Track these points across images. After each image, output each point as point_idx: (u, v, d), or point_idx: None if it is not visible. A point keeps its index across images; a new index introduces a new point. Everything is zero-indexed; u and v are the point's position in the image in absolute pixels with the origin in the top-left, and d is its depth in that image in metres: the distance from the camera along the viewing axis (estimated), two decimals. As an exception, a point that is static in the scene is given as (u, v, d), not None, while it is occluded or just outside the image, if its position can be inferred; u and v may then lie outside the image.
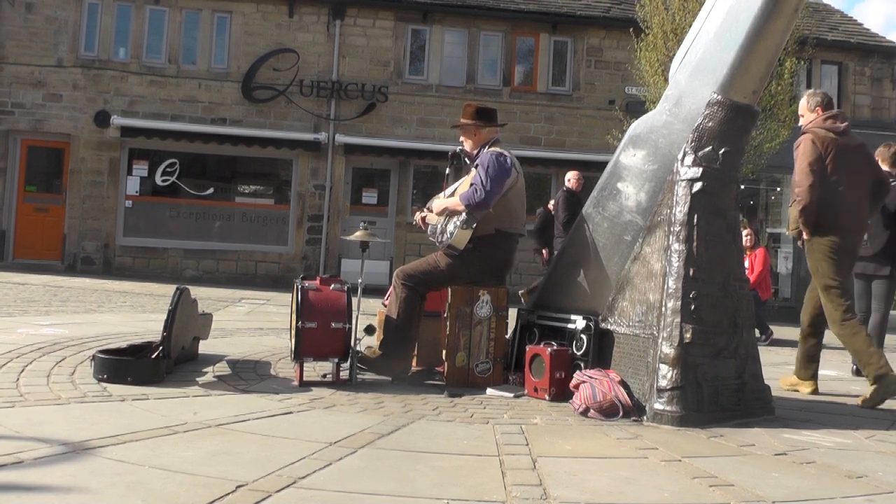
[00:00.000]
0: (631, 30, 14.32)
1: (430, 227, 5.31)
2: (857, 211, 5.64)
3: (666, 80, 9.69)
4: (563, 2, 17.78)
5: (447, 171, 5.65)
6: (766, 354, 6.60)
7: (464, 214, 5.09)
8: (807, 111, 5.75)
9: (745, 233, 10.38)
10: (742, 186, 15.46)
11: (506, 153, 5.25)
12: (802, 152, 5.49)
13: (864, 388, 6.44)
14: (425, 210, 5.45)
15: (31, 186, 16.45)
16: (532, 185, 16.88)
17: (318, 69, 16.68)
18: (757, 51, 4.69)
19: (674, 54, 5.74)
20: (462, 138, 5.51)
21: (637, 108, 14.67)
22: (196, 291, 5.77)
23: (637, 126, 5.14)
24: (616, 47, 17.01)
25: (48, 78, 16.06)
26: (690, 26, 5.38)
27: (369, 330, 5.18)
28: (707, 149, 4.65)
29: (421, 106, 16.90)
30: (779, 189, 18.51)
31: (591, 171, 12.38)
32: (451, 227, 5.12)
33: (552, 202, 11.82)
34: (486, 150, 5.27)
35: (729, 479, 3.25)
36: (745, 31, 4.64)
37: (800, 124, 5.83)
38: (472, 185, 5.12)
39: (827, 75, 18.25)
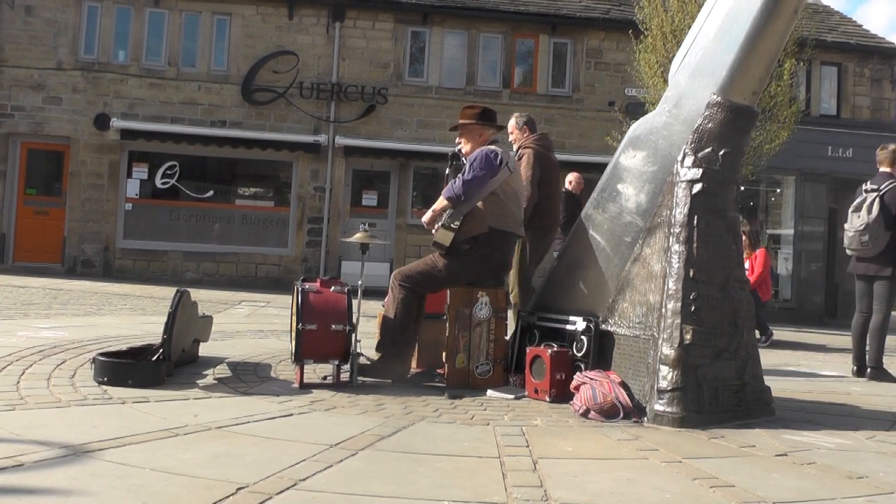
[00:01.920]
0: (630, 31, 14.32)
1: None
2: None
3: (665, 81, 9.69)
4: (563, 3, 17.80)
5: (447, 171, 5.66)
6: (767, 355, 6.61)
7: (448, 211, 5.11)
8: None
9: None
10: (742, 188, 15.47)
11: (498, 150, 5.26)
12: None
13: (865, 388, 6.46)
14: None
15: (31, 189, 16.45)
16: (532, 186, 16.87)
17: (317, 71, 16.69)
18: (756, 52, 4.69)
19: (673, 56, 5.75)
20: (460, 140, 5.50)
21: (637, 109, 14.67)
22: (196, 294, 5.78)
23: (637, 127, 5.14)
24: (616, 49, 17.02)
25: (48, 81, 16.06)
26: (689, 28, 5.39)
27: None
28: (707, 150, 4.66)
29: (421, 108, 16.90)
30: (779, 190, 18.52)
31: (591, 172, 12.36)
32: (439, 223, 5.16)
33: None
34: (479, 149, 5.28)
35: (729, 480, 3.24)
36: (745, 33, 4.64)
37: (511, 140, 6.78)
38: (455, 178, 5.16)
39: (826, 76, 18.26)
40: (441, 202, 5.16)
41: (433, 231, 5.23)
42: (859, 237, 7.01)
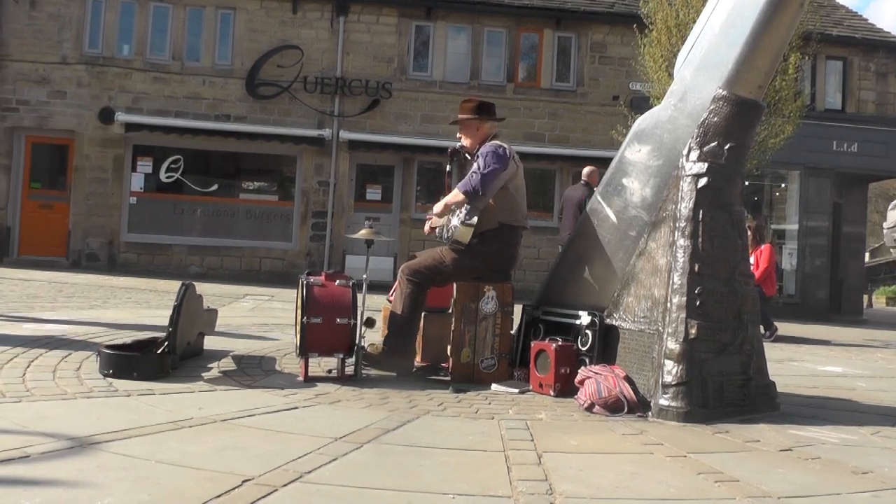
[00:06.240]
0: (635, 26, 14.28)
1: (437, 230, 5.31)
2: None
3: (670, 75, 9.66)
4: (567, -2, 17.75)
5: (448, 168, 5.65)
6: (772, 350, 6.60)
7: (465, 207, 5.09)
8: None
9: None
10: (746, 182, 15.44)
11: (504, 145, 5.27)
12: None
13: (870, 384, 6.45)
14: (431, 217, 5.43)
15: (36, 183, 16.46)
16: (536, 181, 16.91)
17: (321, 65, 16.66)
18: (762, 46, 4.68)
19: (677, 50, 5.74)
20: (461, 135, 5.50)
21: (641, 103, 14.62)
22: (200, 288, 5.77)
23: (642, 121, 5.13)
24: (620, 43, 16.97)
25: (52, 75, 16.06)
26: (694, 22, 5.38)
27: (369, 323, 5.16)
28: (712, 144, 4.65)
29: (425, 102, 16.88)
30: (783, 185, 18.48)
31: (596, 166, 12.35)
32: (454, 221, 5.13)
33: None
34: (487, 144, 5.28)
35: (734, 475, 3.25)
36: (751, 26, 4.62)
37: None
38: (470, 172, 5.15)
39: (832, 70, 18.19)
40: (456, 196, 5.12)
41: (437, 232, 5.21)
42: (891, 234, 7.01)
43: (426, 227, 5.45)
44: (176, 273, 15.34)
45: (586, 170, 11.45)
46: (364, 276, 5.22)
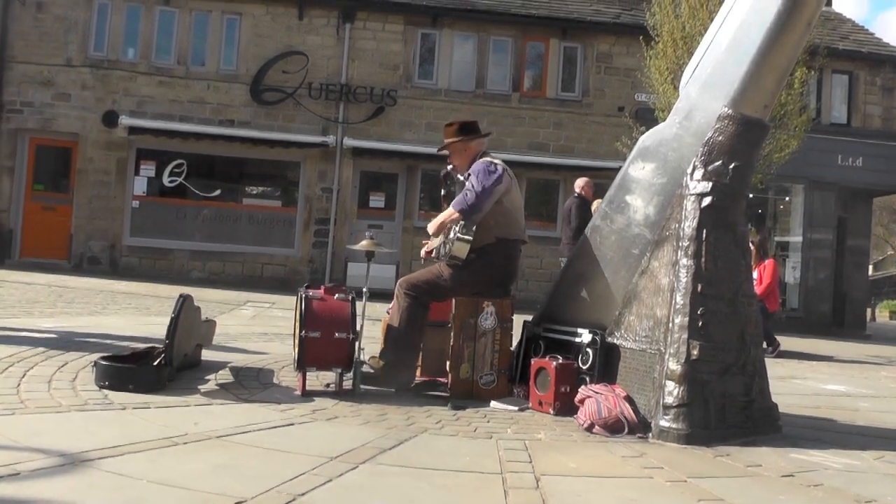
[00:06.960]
0: (641, 37, 14.26)
1: (434, 251, 5.28)
2: None
3: (675, 87, 9.62)
4: (574, 7, 17.73)
5: (443, 192, 5.64)
6: (774, 367, 6.55)
7: (460, 223, 5.06)
8: None
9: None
10: (750, 195, 15.38)
11: (496, 161, 5.25)
12: None
13: (873, 404, 6.40)
14: (426, 242, 5.40)
15: (39, 185, 16.45)
16: (540, 190, 16.90)
17: (327, 72, 16.66)
18: (769, 65, 4.64)
19: (683, 62, 5.72)
20: (450, 160, 5.48)
21: (646, 115, 14.59)
22: (201, 293, 5.76)
23: (646, 139, 5.10)
24: (626, 54, 16.94)
25: (57, 77, 16.06)
26: (700, 34, 5.36)
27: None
28: (717, 163, 4.61)
29: (430, 110, 16.84)
30: (787, 198, 18.44)
31: (600, 177, 12.32)
32: (451, 236, 5.11)
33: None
34: (478, 162, 5.26)
35: (735, 503, 3.20)
36: (757, 45, 4.59)
37: None
38: (464, 190, 5.12)
39: (837, 84, 18.15)
40: (451, 214, 5.09)
41: (434, 253, 5.18)
42: None
43: (422, 252, 5.43)
44: (178, 278, 15.32)
45: (579, 181, 11.42)
46: (364, 289, 5.17)
